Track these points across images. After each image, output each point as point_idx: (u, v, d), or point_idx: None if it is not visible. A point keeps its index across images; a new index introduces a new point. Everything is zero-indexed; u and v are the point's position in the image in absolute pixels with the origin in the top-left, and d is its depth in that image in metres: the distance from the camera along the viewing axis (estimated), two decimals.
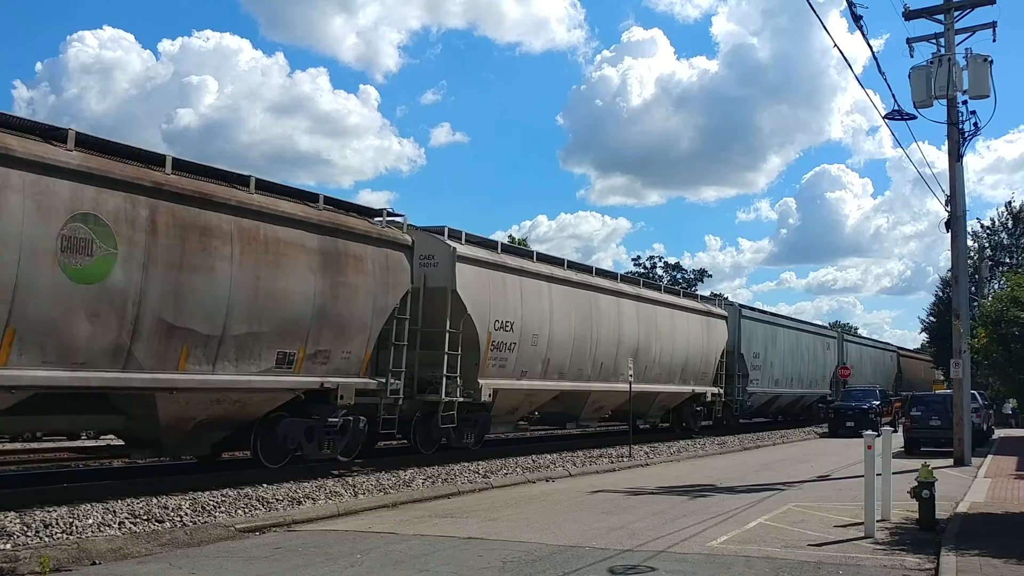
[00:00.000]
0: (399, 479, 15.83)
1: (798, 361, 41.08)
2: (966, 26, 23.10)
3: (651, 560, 9.61)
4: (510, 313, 20.29)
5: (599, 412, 26.25)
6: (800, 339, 41.68)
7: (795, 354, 40.62)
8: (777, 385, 38.53)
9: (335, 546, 10.50)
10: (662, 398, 28.87)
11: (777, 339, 38.59)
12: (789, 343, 39.99)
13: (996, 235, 66.19)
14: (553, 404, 23.64)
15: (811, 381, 42.58)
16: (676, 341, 28.66)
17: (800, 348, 41.44)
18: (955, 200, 22.83)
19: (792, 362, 40.19)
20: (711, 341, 31.64)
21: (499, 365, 20.05)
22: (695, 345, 30.20)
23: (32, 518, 10.46)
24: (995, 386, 34.83)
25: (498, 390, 20.02)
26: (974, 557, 9.66)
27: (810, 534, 11.43)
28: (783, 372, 39.23)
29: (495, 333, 19.72)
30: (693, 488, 16.63)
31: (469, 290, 19.03)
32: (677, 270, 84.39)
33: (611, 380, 24.51)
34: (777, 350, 38.40)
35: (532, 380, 21.34)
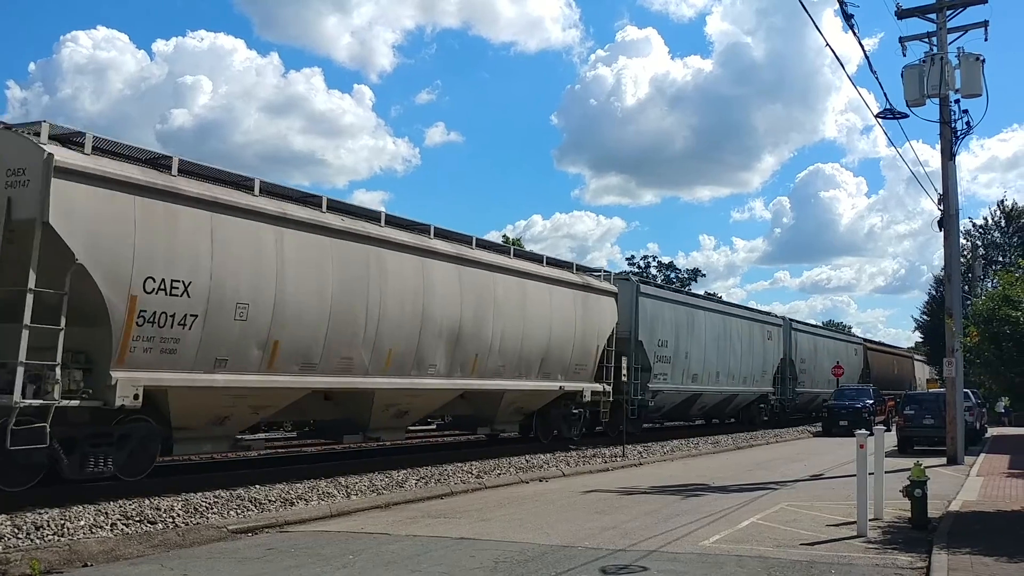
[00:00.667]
0: (392, 479, 15.81)
1: (727, 352, 33.71)
2: (958, 25, 23.15)
3: (643, 560, 9.62)
4: (182, 267, 13.05)
5: (403, 419, 18.77)
6: (729, 325, 34.15)
7: (722, 343, 33.33)
8: (695, 381, 31.18)
9: (327, 547, 10.49)
10: (514, 398, 21.57)
11: (695, 324, 31.21)
12: (714, 330, 32.73)
13: (989, 234, 66.31)
14: (325, 407, 17.16)
15: (746, 377, 35.08)
16: (531, 321, 21.43)
17: (730, 336, 34.14)
18: (948, 199, 22.88)
19: (718, 353, 32.84)
20: (591, 324, 24.12)
21: (162, 349, 12.83)
22: (565, 328, 22.85)
23: (23, 520, 10.42)
24: (987, 384, 34.94)
25: (167, 389, 13.06)
26: (965, 555, 9.68)
27: (802, 533, 11.44)
28: (704, 365, 31.76)
29: (147, 298, 12.52)
30: (686, 487, 16.64)
31: (87, 224, 11.87)
32: (671, 269, 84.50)
33: (412, 374, 17.76)
34: (695, 338, 31.11)
35: (240, 374, 14.04)
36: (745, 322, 36.17)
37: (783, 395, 40.41)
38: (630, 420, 25.68)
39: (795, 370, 41.46)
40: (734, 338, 34.58)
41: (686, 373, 30.34)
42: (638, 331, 27.17)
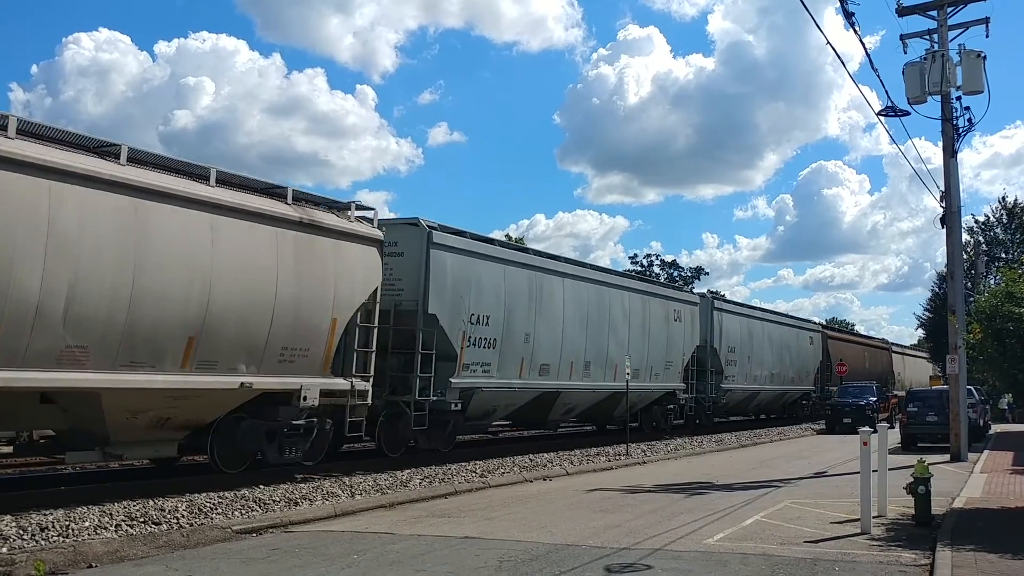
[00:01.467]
0: (396, 479, 15.82)
1: (600, 334, 28.06)
2: (959, 22, 23.13)
3: (647, 558, 9.63)
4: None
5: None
6: (606, 299, 28.07)
7: (593, 321, 28.08)
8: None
9: (332, 547, 10.50)
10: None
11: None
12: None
13: (991, 230, 66.24)
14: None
15: (639, 369, 26.92)
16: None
17: (607, 313, 28.31)
18: (950, 196, 22.87)
19: (587, 335, 27.34)
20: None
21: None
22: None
23: (28, 521, 10.43)
24: (991, 381, 34.84)
25: None
26: (969, 552, 9.68)
27: (806, 531, 11.45)
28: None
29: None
30: (690, 486, 16.65)
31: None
32: (674, 268, 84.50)
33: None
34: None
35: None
36: (636, 296, 26.70)
37: (703, 392, 32.16)
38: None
39: (719, 361, 33.10)
40: (616, 317, 25.47)
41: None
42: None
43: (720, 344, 33.17)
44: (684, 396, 30.12)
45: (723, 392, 33.31)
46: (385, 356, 17.50)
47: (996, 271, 48.07)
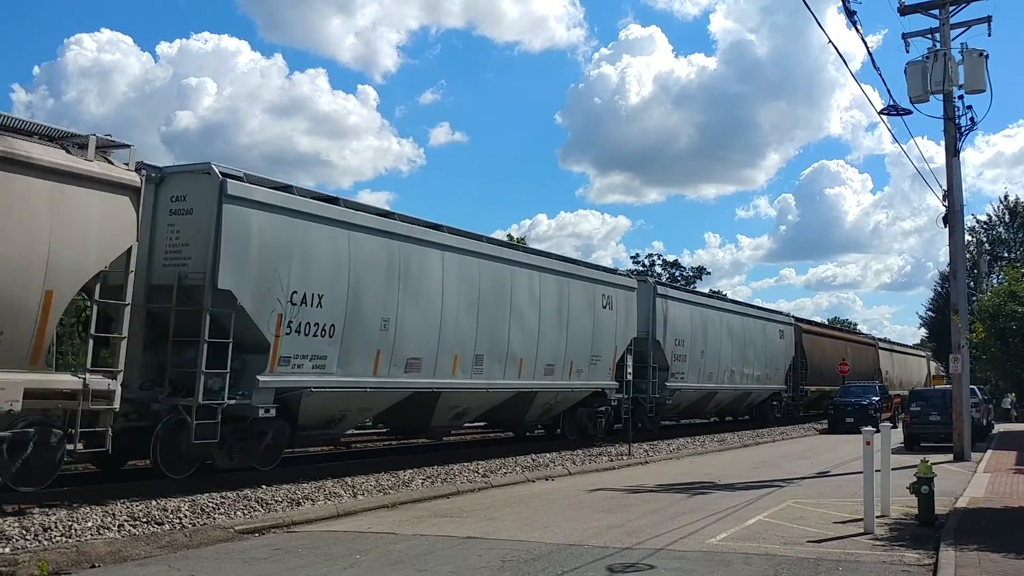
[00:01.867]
0: (398, 479, 15.82)
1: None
2: (961, 21, 23.09)
3: (650, 558, 9.62)
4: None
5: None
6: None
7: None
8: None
9: (334, 547, 10.50)
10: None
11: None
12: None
13: (994, 229, 66.21)
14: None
15: (552, 365, 22.28)
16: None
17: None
18: (952, 195, 22.84)
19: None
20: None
21: None
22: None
23: (31, 521, 10.44)
24: (994, 380, 34.67)
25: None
26: (973, 552, 9.67)
27: (809, 531, 11.43)
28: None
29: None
30: (692, 485, 16.63)
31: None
32: (675, 267, 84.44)
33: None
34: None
35: None
36: (550, 277, 22.31)
37: (643, 392, 27.36)
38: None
39: (664, 356, 28.36)
40: (521, 301, 20.98)
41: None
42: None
43: (665, 336, 28.32)
44: (617, 396, 25.04)
45: (669, 392, 28.30)
46: (162, 346, 13.92)
47: (999, 270, 48.01)
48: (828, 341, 46.04)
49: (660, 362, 28.10)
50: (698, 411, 33.82)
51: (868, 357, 51.62)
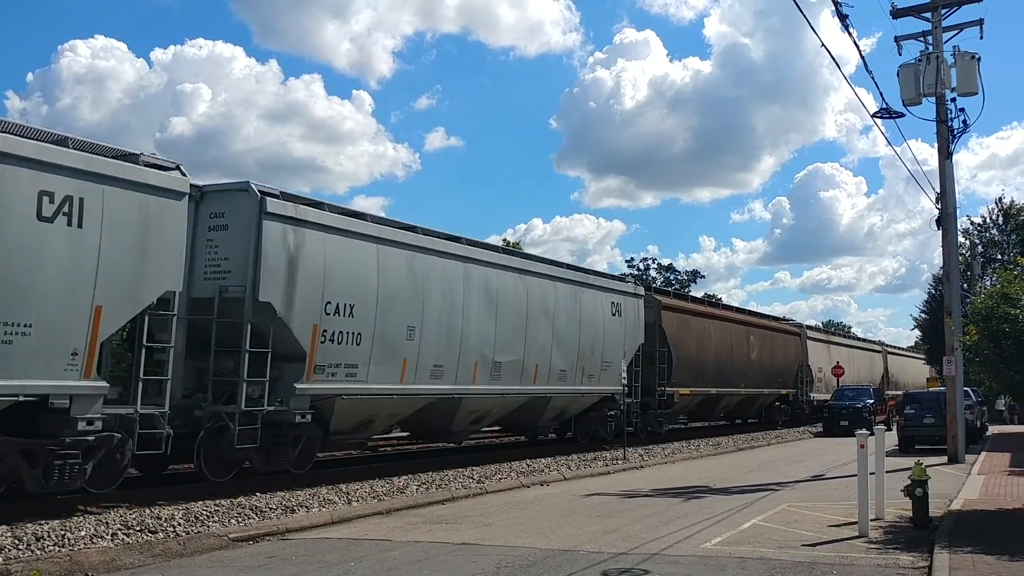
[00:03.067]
0: (393, 485, 15.80)
1: None
2: (953, 24, 23.19)
3: (645, 563, 9.61)
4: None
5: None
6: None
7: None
8: None
9: (329, 554, 10.47)
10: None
11: None
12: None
13: (987, 232, 66.35)
14: None
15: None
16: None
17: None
18: (945, 197, 22.91)
19: None
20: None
21: None
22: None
23: (24, 531, 10.41)
24: (987, 383, 34.71)
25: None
26: (967, 554, 9.68)
27: (804, 534, 11.43)
28: None
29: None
30: (687, 490, 16.63)
31: None
32: (670, 271, 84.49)
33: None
34: None
35: None
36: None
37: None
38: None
39: None
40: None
41: None
42: None
43: None
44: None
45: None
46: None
47: (992, 272, 48.14)
48: (712, 325, 33.07)
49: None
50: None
51: (789, 351, 41.13)
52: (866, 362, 53.89)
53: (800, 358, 42.25)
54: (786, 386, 40.39)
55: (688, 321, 31.18)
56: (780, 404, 41.01)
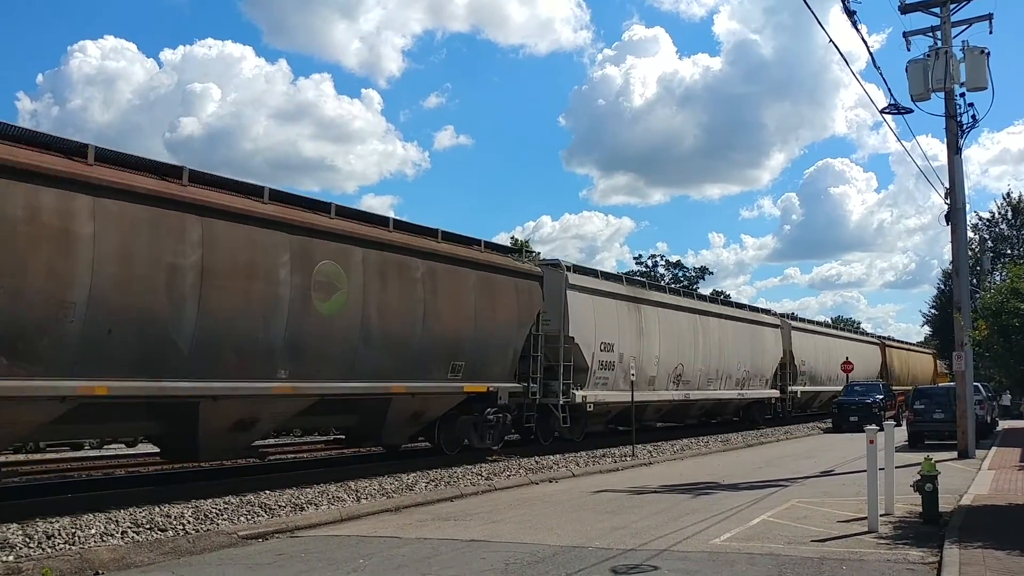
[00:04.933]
0: (402, 482, 15.82)
1: None
2: (962, 19, 23.08)
3: (654, 559, 9.60)
4: None
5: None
6: None
7: None
8: None
9: (338, 551, 10.49)
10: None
11: None
12: None
13: (996, 226, 66.12)
14: None
15: None
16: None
17: None
18: (955, 192, 22.81)
19: None
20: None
21: None
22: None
23: (34, 529, 10.45)
24: (997, 377, 34.49)
25: None
26: (977, 550, 9.64)
27: (813, 530, 11.41)
28: None
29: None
30: (696, 486, 16.61)
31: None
32: (678, 268, 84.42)
33: None
34: None
35: None
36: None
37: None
38: None
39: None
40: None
41: None
42: None
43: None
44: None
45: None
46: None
47: (1001, 267, 47.96)
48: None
49: None
50: None
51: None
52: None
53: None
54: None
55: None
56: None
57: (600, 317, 24.68)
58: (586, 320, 23.85)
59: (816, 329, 45.96)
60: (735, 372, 33.76)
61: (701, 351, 30.86)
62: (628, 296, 26.71)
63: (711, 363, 31.64)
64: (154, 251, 12.81)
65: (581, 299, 23.90)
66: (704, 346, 31.13)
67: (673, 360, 28.83)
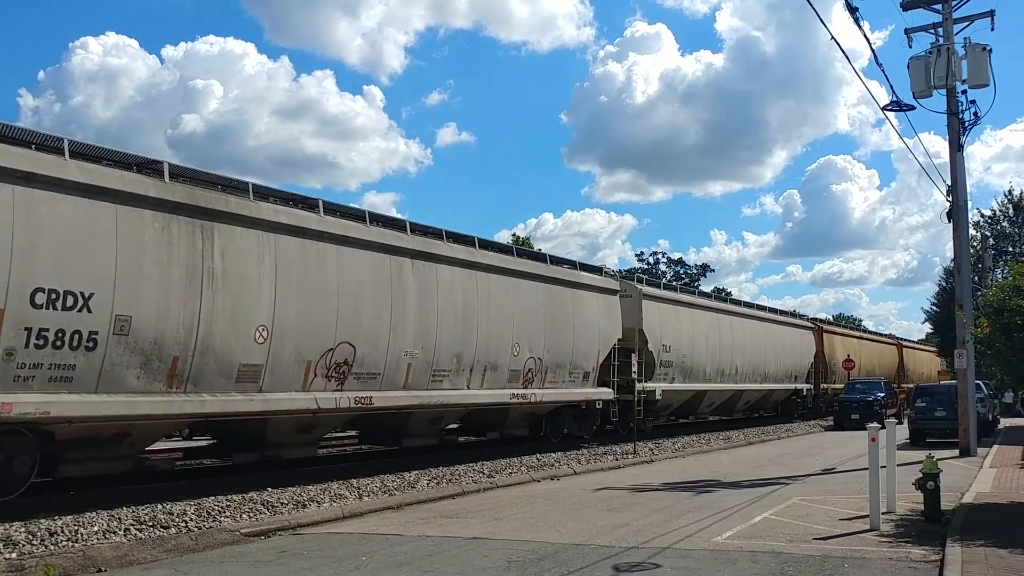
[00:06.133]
0: (404, 480, 15.83)
1: None
2: (964, 15, 23.06)
3: (656, 557, 9.61)
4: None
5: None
6: None
7: None
8: None
9: (340, 548, 10.51)
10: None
11: None
12: None
13: (998, 224, 65.99)
14: None
15: None
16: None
17: None
18: (956, 190, 22.80)
19: None
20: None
21: None
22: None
23: (37, 527, 10.46)
24: (999, 375, 34.47)
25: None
26: (979, 548, 9.64)
27: (815, 528, 11.42)
28: None
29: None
30: (698, 484, 16.62)
31: None
32: (680, 265, 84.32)
33: None
34: None
35: None
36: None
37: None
38: None
39: None
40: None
41: None
42: None
43: None
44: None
45: None
46: None
47: (1003, 265, 47.89)
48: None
49: None
50: None
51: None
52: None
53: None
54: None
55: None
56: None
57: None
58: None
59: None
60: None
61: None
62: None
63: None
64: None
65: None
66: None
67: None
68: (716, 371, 32.07)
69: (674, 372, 29.06)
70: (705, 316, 31.78)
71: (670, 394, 28.82)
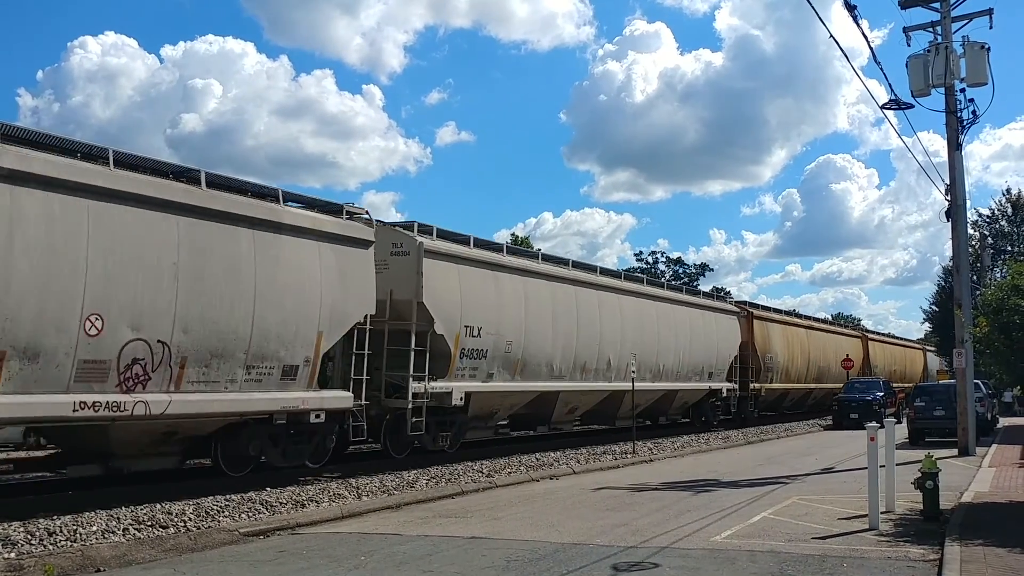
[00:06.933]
0: (403, 480, 15.82)
1: None
2: (962, 13, 23.06)
3: (655, 556, 9.61)
4: None
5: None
6: None
7: None
8: None
9: (339, 548, 10.50)
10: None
11: None
12: None
13: (996, 223, 66.00)
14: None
15: None
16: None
17: None
18: (955, 189, 22.81)
19: None
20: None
21: None
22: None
23: (36, 526, 10.45)
24: (997, 375, 34.43)
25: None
26: (978, 547, 9.65)
27: (814, 527, 11.42)
28: None
29: None
30: (697, 483, 16.62)
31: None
32: (679, 264, 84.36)
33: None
34: None
35: None
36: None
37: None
38: None
39: None
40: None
41: None
42: None
43: None
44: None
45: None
46: None
47: (1002, 264, 47.92)
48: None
49: None
50: None
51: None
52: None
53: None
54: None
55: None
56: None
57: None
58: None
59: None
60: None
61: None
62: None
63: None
64: None
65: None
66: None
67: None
68: (570, 365, 22.89)
69: (489, 365, 20.15)
70: (548, 288, 22.33)
71: (482, 398, 20.22)
